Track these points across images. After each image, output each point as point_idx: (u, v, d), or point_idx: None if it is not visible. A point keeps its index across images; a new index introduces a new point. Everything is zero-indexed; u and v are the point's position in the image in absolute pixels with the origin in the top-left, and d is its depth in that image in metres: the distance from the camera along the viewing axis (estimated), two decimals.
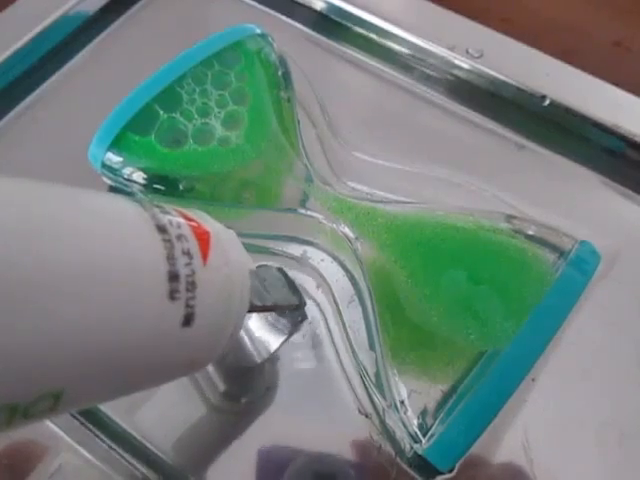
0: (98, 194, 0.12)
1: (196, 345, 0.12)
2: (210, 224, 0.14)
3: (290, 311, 0.19)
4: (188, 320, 0.12)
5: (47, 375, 0.09)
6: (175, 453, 0.18)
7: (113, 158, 0.21)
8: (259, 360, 0.19)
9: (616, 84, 0.26)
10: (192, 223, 0.13)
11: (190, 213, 0.14)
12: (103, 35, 0.28)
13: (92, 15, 0.28)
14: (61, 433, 0.18)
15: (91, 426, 0.18)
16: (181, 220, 0.13)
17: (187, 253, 0.12)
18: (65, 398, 0.10)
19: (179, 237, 0.12)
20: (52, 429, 0.18)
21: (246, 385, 0.20)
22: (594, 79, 0.24)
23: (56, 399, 0.10)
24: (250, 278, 0.15)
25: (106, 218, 0.11)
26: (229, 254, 0.13)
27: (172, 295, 0.11)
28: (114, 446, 0.18)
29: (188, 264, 0.12)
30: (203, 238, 0.13)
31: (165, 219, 0.12)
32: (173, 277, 0.11)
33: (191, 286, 0.12)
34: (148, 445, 0.18)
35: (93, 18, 0.28)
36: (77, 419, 0.18)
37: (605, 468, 0.19)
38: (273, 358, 0.20)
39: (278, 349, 0.19)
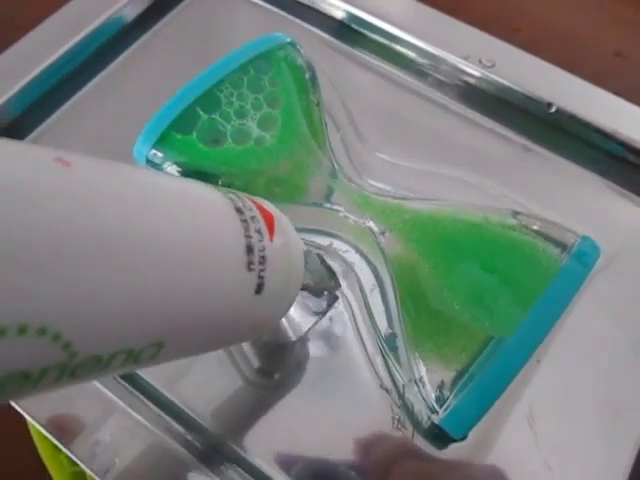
0: (189, 181, 0.14)
1: (262, 312, 0.15)
2: (271, 209, 0.16)
3: (326, 291, 0.21)
4: (259, 289, 0.14)
5: (155, 326, 0.12)
6: (214, 420, 0.21)
7: (157, 154, 0.23)
8: (294, 338, 0.21)
9: (616, 92, 0.28)
10: (258, 205, 0.15)
11: (255, 199, 0.16)
12: (140, 41, 0.30)
13: (131, 21, 0.30)
14: (115, 398, 0.20)
15: (138, 393, 0.20)
16: (251, 204, 0.15)
17: (259, 232, 0.14)
18: (165, 347, 0.12)
19: (252, 218, 0.14)
20: (108, 395, 0.20)
21: (279, 361, 0.22)
22: (596, 88, 0.27)
23: (159, 348, 0.12)
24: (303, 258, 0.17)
25: (199, 200, 0.13)
26: (288, 235, 0.16)
27: (249, 266, 0.13)
28: (159, 411, 0.20)
29: (260, 241, 0.14)
30: (269, 220, 0.15)
31: (240, 203, 0.14)
32: (250, 250, 0.14)
33: (262, 259, 0.14)
34: (189, 412, 0.21)
35: (132, 24, 0.30)
36: (127, 388, 0.21)
37: (603, 442, 0.21)
38: (303, 337, 0.22)
39: (311, 328, 0.21)
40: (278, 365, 0.22)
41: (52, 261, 0.10)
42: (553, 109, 0.26)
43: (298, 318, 0.22)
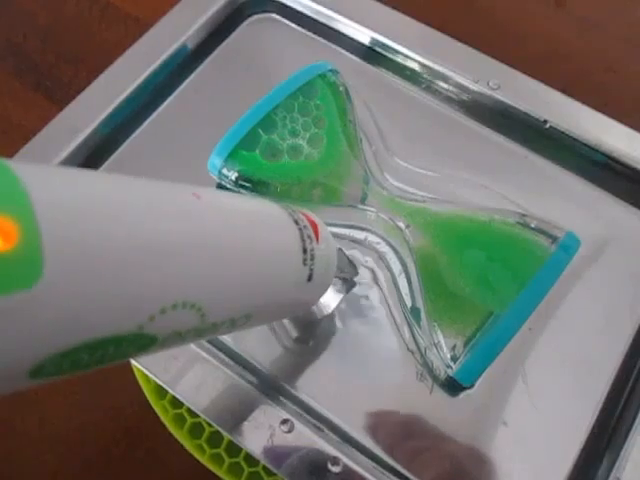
0: (262, 201, 0.20)
1: (310, 293, 0.20)
2: (315, 218, 0.21)
3: (348, 277, 0.27)
4: (310, 278, 0.19)
5: (248, 304, 0.17)
6: (269, 366, 0.27)
7: (228, 167, 0.29)
8: (319, 316, 0.27)
9: (605, 104, 0.33)
10: (307, 217, 0.21)
11: (304, 211, 0.21)
12: (201, 68, 0.35)
13: (192, 50, 0.36)
14: (203, 353, 0.26)
15: (217, 350, 0.27)
16: (302, 216, 0.20)
17: (309, 237, 0.20)
18: (252, 318, 0.18)
19: (305, 227, 0.20)
20: (199, 352, 0.26)
21: (312, 332, 0.28)
22: (583, 107, 0.32)
23: (248, 318, 0.18)
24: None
25: (272, 217, 0.19)
26: (327, 238, 0.21)
27: (304, 262, 0.19)
28: (230, 361, 0.27)
29: (310, 243, 0.19)
30: (315, 228, 0.20)
31: (295, 215, 0.20)
32: (304, 251, 0.19)
33: (312, 257, 0.19)
34: (252, 361, 0.27)
35: (193, 53, 0.36)
36: (209, 347, 0.27)
37: (577, 390, 0.27)
38: (328, 315, 0.27)
39: (336, 308, 0.27)
40: (311, 334, 0.28)
41: (200, 260, 0.15)
42: (548, 125, 0.32)
43: (324, 299, 0.27)
